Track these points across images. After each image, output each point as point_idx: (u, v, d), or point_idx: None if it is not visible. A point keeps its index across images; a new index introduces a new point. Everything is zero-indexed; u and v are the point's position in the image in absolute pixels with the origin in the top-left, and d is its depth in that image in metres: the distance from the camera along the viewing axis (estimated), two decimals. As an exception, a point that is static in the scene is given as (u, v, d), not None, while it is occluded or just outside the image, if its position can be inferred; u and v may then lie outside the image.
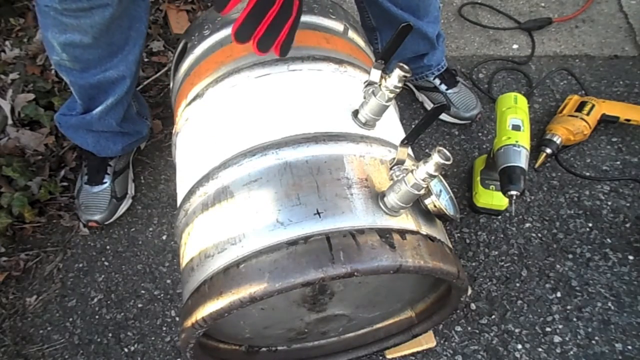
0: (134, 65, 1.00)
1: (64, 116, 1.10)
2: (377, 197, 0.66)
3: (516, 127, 1.02)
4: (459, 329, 1.02)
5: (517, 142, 0.99)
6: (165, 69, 1.40)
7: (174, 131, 0.91)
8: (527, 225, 1.15)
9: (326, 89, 0.77)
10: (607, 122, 1.27)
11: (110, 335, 1.04)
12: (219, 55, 0.86)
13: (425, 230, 0.68)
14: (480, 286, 1.07)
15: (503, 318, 1.03)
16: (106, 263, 1.13)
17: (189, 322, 0.65)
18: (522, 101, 1.07)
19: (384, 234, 0.62)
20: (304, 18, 0.90)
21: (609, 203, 1.17)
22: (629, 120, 1.25)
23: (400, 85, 0.69)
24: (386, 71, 0.73)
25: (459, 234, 1.14)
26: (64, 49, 0.90)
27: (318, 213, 0.62)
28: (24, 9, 1.43)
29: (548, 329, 1.01)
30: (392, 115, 0.86)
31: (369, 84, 0.74)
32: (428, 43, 1.20)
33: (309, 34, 0.87)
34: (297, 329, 0.84)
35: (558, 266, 1.09)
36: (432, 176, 0.60)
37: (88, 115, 1.04)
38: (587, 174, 1.22)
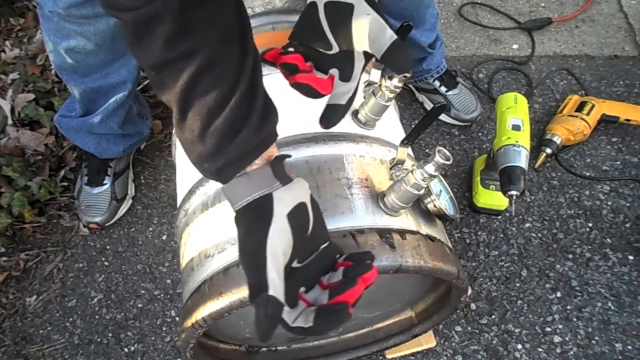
0: (135, 69, 0.99)
1: (64, 118, 1.09)
2: (377, 197, 0.66)
3: (516, 127, 1.02)
4: (459, 329, 1.02)
5: (517, 142, 0.99)
6: (165, 69, 1.40)
7: (174, 131, 0.91)
8: (527, 225, 1.15)
9: (326, 89, 0.77)
10: (607, 122, 1.27)
11: (110, 335, 1.04)
12: (219, 55, 0.86)
13: (425, 230, 0.68)
14: (480, 286, 1.07)
15: (503, 318, 1.03)
16: (106, 263, 1.13)
17: (189, 322, 0.65)
18: (522, 101, 1.07)
19: (384, 234, 0.62)
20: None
21: (609, 203, 1.17)
22: (629, 120, 1.25)
23: (400, 85, 0.69)
24: (386, 71, 0.73)
25: (459, 234, 1.14)
26: (65, 53, 0.90)
27: (318, 213, 0.62)
28: (24, 9, 1.44)
29: (548, 329, 1.01)
30: (392, 115, 0.86)
31: (369, 84, 0.74)
32: (422, 50, 1.20)
33: (309, 34, 0.87)
34: (297, 329, 0.84)
35: (558, 266, 1.09)
36: (432, 176, 0.60)
37: (89, 119, 1.04)
38: (587, 174, 1.22)
